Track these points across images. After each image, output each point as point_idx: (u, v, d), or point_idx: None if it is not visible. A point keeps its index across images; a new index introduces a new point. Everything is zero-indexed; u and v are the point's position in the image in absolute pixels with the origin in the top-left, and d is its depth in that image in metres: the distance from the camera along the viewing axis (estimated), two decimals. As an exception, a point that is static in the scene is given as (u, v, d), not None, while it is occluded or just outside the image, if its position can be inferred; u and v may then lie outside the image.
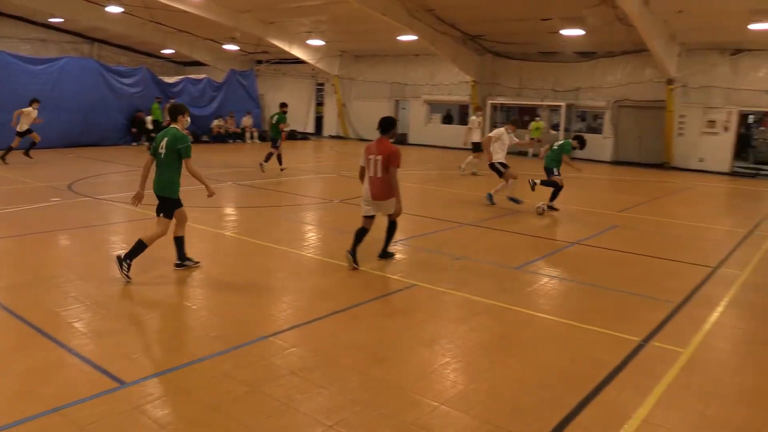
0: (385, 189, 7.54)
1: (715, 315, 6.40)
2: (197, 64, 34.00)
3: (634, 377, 4.83)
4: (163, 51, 33.19)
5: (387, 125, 7.64)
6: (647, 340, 5.60)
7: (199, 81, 27.31)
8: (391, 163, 7.42)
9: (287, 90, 32.94)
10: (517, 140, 12.97)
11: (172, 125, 7.09)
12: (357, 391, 4.42)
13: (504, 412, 4.21)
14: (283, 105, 17.29)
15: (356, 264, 7.59)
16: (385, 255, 8.19)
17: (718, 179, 19.96)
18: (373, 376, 4.67)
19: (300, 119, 32.36)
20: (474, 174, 17.92)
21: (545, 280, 7.56)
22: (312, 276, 7.56)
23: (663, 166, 22.07)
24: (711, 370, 5.09)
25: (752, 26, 17.26)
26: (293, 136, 30.44)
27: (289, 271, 7.64)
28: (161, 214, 7.04)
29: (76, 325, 5.50)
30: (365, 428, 3.94)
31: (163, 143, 6.94)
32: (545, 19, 20.24)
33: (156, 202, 7.08)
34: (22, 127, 16.39)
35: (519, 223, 11.10)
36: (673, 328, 6.01)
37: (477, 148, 17.89)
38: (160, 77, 26.43)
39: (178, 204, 7.14)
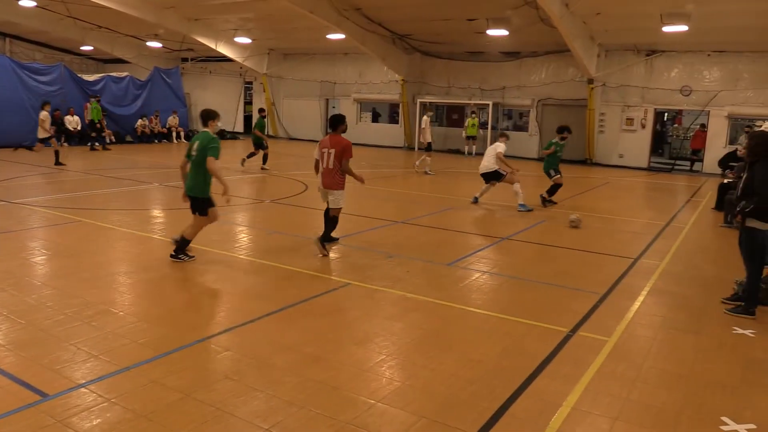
0: (335, 179, 8.18)
1: (636, 304, 6.71)
2: (119, 61, 32.81)
3: (563, 367, 5.00)
4: (82, 48, 31.82)
5: (336, 122, 8.31)
6: (574, 330, 5.80)
7: (122, 79, 26.36)
8: (344, 155, 8.11)
9: (214, 88, 32.28)
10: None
11: (203, 129, 7.55)
12: (293, 392, 4.39)
13: (439, 407, 4.27)
14: (261, 110, 18.66)
15: (326, 251, 8.27)
16: (327, 240, 8.49)
17: (637, 174, 20.90)
18: (308, 377, 4.64)
19: (228, 118, 31.75)
20: (426, 173, 18.14)
21: (476, 275, 7.71)
22: (244, 277, 7.44)
23: (586, 162, 22.92)
24: (634, 357, 5.32)
25: (666, 28, 18.15)
26: (222, 135, 29.86)
27: (220, 274, 7.49)
28: (196, 213, 7.64)
29: (-7, 336, 5.21)
30: (302, 430, 3.91)
31: (195, 146, 7.38)
32: (471, 20, 20.64)
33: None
34: None
35: (451, 220, 11.28)
36: (598, 318, 6.25)
37: (429, 147, 18.37)
38: (80, 75, 25.38)
39: (210, 203, 7.62)
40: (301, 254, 8.42)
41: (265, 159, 17.61)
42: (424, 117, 19.20)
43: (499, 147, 12.74)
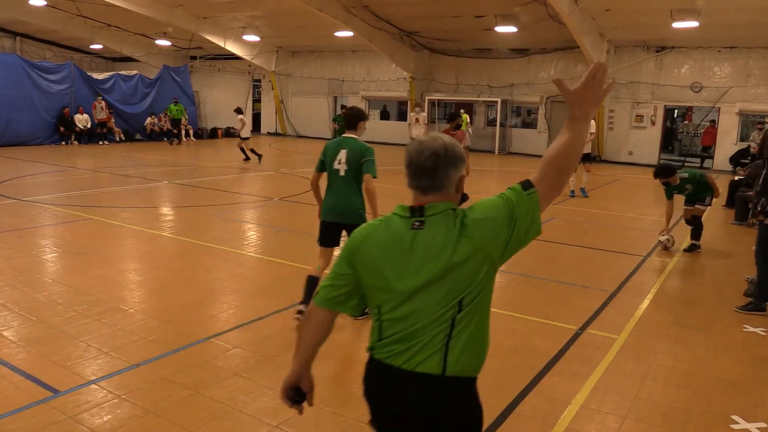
0: None
1: (645, 302, 6.68)
2: (128, 59, 32.92)
3: (572, 364, 4.99)
4: (91, 46, 31.92)
5: (451, 117, 8.95)
6: (583, 328, 5.79)
7: (131, 77, 26.46)
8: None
9: (223, 86, 32.33)
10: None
11: (349, 134, 5.68)
12: (302, 389, 4.39)
13: (448, 404, 4.27)
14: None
15: None
16: None
17: (646, 171, 20.74)
18: (317, 374, 4.61)
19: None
20: None
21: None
22: (252, 275, 7.47)
23: (595, 159, 22.80)
24: (643, 354, 5.30)
25: (675, 24, 18.03)
26: (231, 133, 29.92)
27: (228, 271, 7.52)
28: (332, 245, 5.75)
29: (6, 333, 5.26)
30: (311, 426, 3.93)
31: (344, 156, 5.53)
32: (479, 17, 20.58)
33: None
34: None
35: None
36: (607, 315, 6.23)
37: None
38: (89, 73, 25.49)
39: None
40: (310, 252, 8.42)
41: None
42: (411, 113, 18.96)
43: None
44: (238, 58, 29.38)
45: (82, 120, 23.45)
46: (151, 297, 6.55)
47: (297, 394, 2.43)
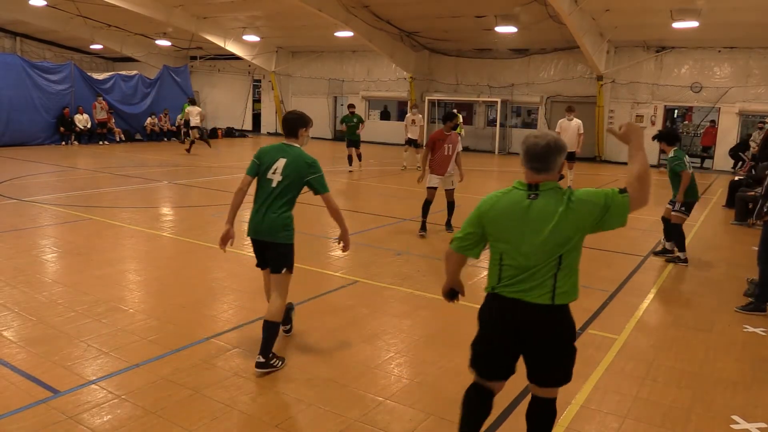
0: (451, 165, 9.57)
1: (646, 302, 6.68)
2: (128, 60, 32.93)
3: (572, 365, 4.98)
4: (91, 46, 31.92)
5: (448, 118, 9.46)
6: (584, 328, 5.78)
7: (131, 77, 26.46)
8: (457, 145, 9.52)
9: (223, 87, 32.35)
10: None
11: (290, 142, 4.85)
12: (301, 389, 4.40)
13: (448, 404, 4.27)
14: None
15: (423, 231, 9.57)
16: (448, 227, 9.79)
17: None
18: (317, 374, 4.66)
19: (237, 116, 31.85)
20: (403, 169, 18.16)
21: (485, 272, 7.68)
22: (252, 275, 7.45)
23: (595, 159, 22.81)
24: (643, 354, 5.30)
25: (675, 24, 18.04)
26: (231, 133, 29.95)
27: (228, 271, 7.52)
28: (284, 269, 4.82)
29: (6, 333, 5.26)
30: (311, 427, 3.93)
31: (280, 167, 4.72)
32: (479, 17, 20.58)
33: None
34: None
35: (459, 219, 11.25)
36: (607, 315, 6.23)
37: (410, 142, 18.20)
38: (89, 73, 25.49)
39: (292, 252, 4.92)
40: (309, 252, 8.44)
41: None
42: (408, 114, 18.87)
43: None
44: (238, 58, 29.39)
45: (82, 120, 23.45)
46: (151, 297, 6.55)
47: (453, 293, 3.67)
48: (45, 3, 23.18)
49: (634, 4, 17.75)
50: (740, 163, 18.96)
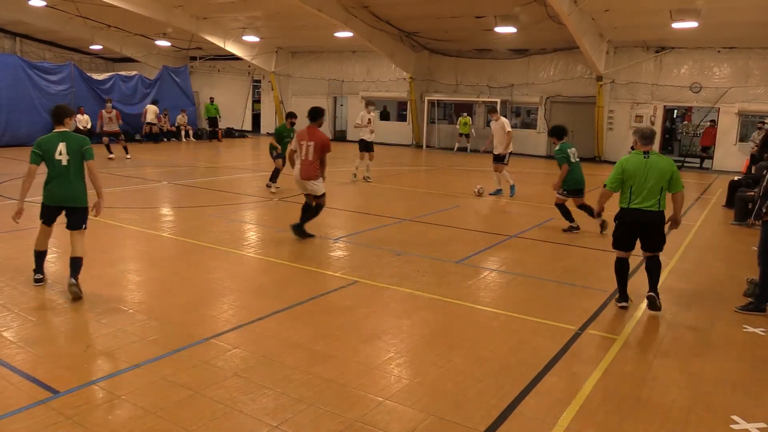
0: (314, 170, 8.65)
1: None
2: (128, 60, 32.95)
3: (572, 364, 4.99)
4: (91, 47, 31.94)
5: (316, 114, 8.72)
6: (583, 328, 5.79)
7: (131, 78, 26.46)
8: (324, 149, 8.64)
9: (223, 87, 32.35)
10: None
11: (61, 129, 6.49)
12: (301, 390, 4.40)
13: (448, 404, 4.27)
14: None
15: (302, 236, 8.89)
16: (299, 230, 8.86)
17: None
18: (316, 374, 4.65)
19: (237, 116, 31.85)
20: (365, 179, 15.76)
21: (485, 273, 7.70)
22: (252, 275, 7.47)
23: (595, 159, 22.82)
24: (643, 355, 5.30)
25: (675, 25, 18.04)
26: (231, 133, 29.95)
27: (228, 271, 7.51)
28: (82, 227, 6.76)
29: (5, 334, 5.25)
30: (311, 427, 3.92)
31: (63, 148, 6.41)
32: (479, 17, 20.59)
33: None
34: None
35: (458, 218, 11.27)
36: (607, 316, 6.24)
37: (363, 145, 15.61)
38: (89, 74, 25.49)
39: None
40: (309, 252, 8.44)
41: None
42: (362, 113, 15.95)
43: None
44: (237, 58, 29.41)
45: (82, 120, 23.39)
46: (151, 297, 6.55)
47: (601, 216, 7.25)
48: (45, 3, 23.19)
49: (633, 4, 17.76)
50: None
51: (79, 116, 23.29)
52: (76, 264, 6.32)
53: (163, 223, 10.43)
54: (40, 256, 6.70)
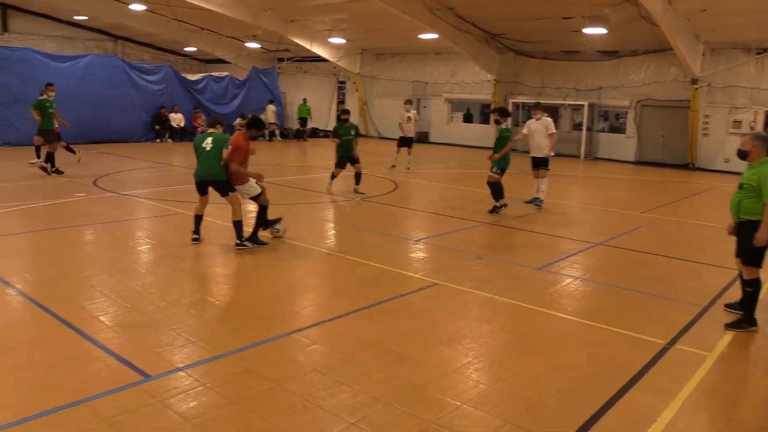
0: (235, 177, 8.73)
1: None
2: (219, 61, 34.22)
3: (659, 380, 4.78)
4: (185, 48, 33.44)
5: (250, 123, 9.03)
6: (672, 343, 5.53)
7: (222, 78, 27.51)
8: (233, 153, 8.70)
9: (309, 88, 33.02)
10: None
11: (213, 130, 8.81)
12: (379, 388, 4.43)
13: (526, 412, 4.19)
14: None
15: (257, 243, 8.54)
16: (254, 239, 8.57)
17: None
18: (394, 374, 4.68)
19: (322, 117, 32.44)
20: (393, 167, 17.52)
21: (568, 280, 7.50)
22: (333, 273, 7.58)
23: (687, 166, 21.78)
24: (738, 374, 5.02)
25: (780, 25, 16.97)
26: (315, 133, 30.58)
27: (309, 269, 7.67)
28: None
29: (102, 318, 5.58)
30: (387, 426, 3.94)
31: (209, 141, 8.66)
32: (567, 18, 20.08)
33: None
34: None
35: (540, 223, 11.03)
36: (699, 331, 5.93)
37: (403, 142, 17.66)
38: (183, 74, 26.67)
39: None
40: (389, 252, 8.48)
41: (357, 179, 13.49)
42: (402, 111, 17.97)
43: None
44: (323, 60, 29.94)
45: (176, 119, 24.58)
46: (236, 291, 6.77)
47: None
48: (144, 8, 24.42)
49: (732, 4, 16.81)
50: None
51: (173, 115, 24.43)
52: (235, 227, 8.31)
53: (252, 218, 10.73)
54: (197, 220, 8.53)
